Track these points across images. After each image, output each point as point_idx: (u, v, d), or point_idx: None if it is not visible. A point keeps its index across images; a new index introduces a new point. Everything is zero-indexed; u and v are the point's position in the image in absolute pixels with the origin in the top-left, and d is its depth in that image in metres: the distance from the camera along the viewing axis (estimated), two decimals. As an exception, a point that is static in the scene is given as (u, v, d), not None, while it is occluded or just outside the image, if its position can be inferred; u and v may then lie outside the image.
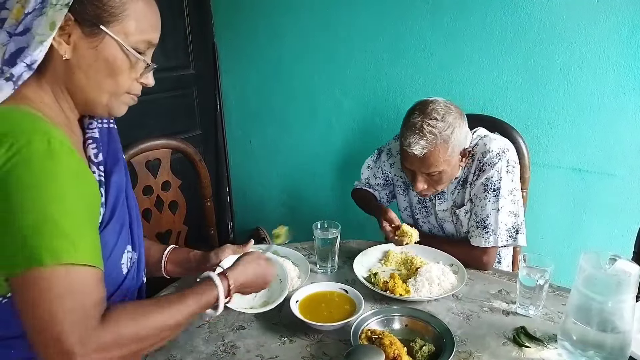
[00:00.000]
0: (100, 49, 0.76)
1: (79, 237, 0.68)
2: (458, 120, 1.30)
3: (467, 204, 1.41)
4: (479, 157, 1.37)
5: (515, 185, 1.36)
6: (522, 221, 1.37)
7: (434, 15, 1.86)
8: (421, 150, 1.25)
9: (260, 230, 2.79)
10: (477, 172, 1.37)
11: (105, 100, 0.81)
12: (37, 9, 0.70)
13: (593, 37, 1.58)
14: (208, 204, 1.65)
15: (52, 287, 0.65)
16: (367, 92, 2.15)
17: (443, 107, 1.29)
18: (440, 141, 1.25)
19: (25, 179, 0.65)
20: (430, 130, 1.25)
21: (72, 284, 0.66)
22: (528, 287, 1.12)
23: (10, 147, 0.64)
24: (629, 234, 1.43)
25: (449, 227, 1.50)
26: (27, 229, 0.64)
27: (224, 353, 1.02)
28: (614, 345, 0.92)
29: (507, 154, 1.35)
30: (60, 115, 0.80)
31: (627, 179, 1.64)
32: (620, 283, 0.89)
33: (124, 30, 0.76)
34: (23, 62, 0.70)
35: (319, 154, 2.42)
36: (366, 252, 1.41)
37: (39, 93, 0.77)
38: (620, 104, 1.59)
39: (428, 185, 1.35)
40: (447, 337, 1.02)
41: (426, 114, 1.27)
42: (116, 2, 0.74)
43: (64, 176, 0.68)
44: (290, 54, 2.33)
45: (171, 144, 1.55)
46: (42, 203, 0.65)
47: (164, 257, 1.11)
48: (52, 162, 0.67)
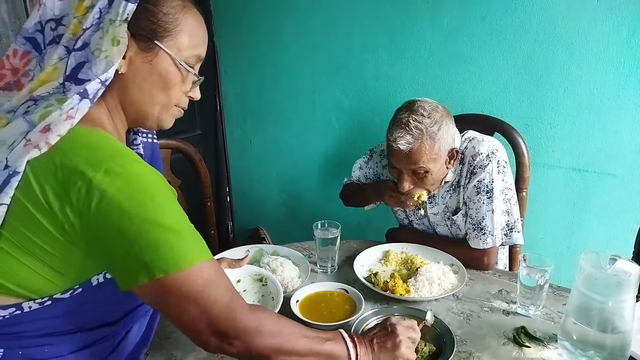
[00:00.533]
0: (154, 63, 0.78)
1: (196, 237, 0.75)
2: (445, 118, 1.30)
3: (462, 208, 1.41)
4: (469, 160, 1.37)
5: (506, 184, 1.37)
6: (517, 219, 1.37)
7: (434, 15, 1.86)
8: (407, 145, 1.26)
9: (260, 230, 2.79)
10: (468, 175, 1.37)
11: (157, 113, 0.84)
12: (94, 24, 0.72)
13: (593, 37, 1.58)
14: (208, 203, 1.65)
15: (194, 285, 0.71)
16: (367, 92, 2.15)
17: (430, 105, 1.31)
18: (426, 137, 1.26)
19: (138, 197, 0.69)
20: (416, 125, 1.26)
21: (209, 278, 0.72)
22: (528, 287, 1.12)
23: (107, 172, 0.67)
24: (629, 234, 1.43)
25: (442, 230, 1.50)
26: (154, 241, 0.69)
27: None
28: (614, 345, 0.92)
29: (496, 154, 1.35)
30: (115, 131, 0.82)
31: (627, 178, 1.64)
32: (620, 283, 0.89)
33: (177, 45, 0.79)
34: (97, 79, 0.72)
35: (319, 153, 2.42)
36: (366, 252, 1.41)
37: (100, 110, 0.79)
38: (620, 104, 1.59)
39: (414, 185, 1.34)
40: (447, 337, 1.02)
41: (413, 110, 1.29)
42: (170, 17, 0.77)
43: (162, 188, 0.73)
44: (290, 54, 2.33)
45: (171, 143, 1.55)
46: (158, 216, 0.70)
47: None
48: (148, 178, 0.71)
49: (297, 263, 1.33)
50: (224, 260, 1.15)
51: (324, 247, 1.34)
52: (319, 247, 1.35)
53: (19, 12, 1.81)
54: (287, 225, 2.69)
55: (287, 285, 1.22)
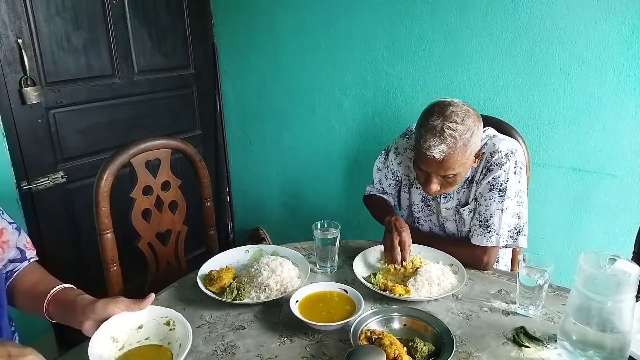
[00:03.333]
0: None
1: None
2: (477, 122, 1.28)
3: (471, 203, 1.41)
4: (487, 156, 1.37)
5: (521, 187, 1.36)
6: (525, 223, 1.37)
7: (434, 15, 1.86)
8: (441, 153, 1.23)
9: (260, 230, 2.79)
10: (484, 172, 1.37)
11: None
12: None
13: (593, 37, 1.58)
14: (208, 204, 1.65)
15: None
16: (367, 92, 2.15)
17: (462, 109, 1.27)
18: (460, 144, 1.23)
19: None
20: (450, 133, 1.22)
21: None
22: (528, 287, 1.12)
23: None
24: (629, 234, 1.43)
25: (450, 226, 1.50)
26: None
27: (223, 353, 1.02)
28: (614, 345, 0.92)
29: (515, 155, 1.35)
30: None
31: (627, 178, 1.64)
32: (619, 283, 0.89)
33: None
34: None
35: (319, 153, 2.42)
36: (366, 252, 1.41)
37: None
38: (620, 104, 1.59)
39: (441, 187, 1.33)
40: (446, 337, 1.02)
41: (446, 116, 1.24)
42: None
43: None
44: (290, 54, 2.33)
45: (171, 144, 1.55)
46: None
47: (49, 295, 0.97)
48: None
49: (296, 263, 1.33)
50: (120, 301, 0.95)
51: (323, 247, 1.34)
52: (318, 247, 1.35)
53: (19, 12, 1.81)
54: (287, 225, 2.69)
55: (287, 286, 1.22)
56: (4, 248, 0.99)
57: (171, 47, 2.41)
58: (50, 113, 1.97)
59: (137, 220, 1.49)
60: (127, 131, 2.26)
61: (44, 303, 0.97)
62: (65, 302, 0.97)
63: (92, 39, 2.06)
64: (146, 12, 2.26)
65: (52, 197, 2.02)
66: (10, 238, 1.01)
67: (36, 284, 1.02)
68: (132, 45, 2.23)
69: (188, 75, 2.54)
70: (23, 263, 1.06)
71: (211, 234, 1.69)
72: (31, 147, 1.91)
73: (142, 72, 2.30)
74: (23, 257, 1.06)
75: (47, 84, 1.94)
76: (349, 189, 2.39)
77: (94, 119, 2.13)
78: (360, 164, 2.29)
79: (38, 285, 1.02)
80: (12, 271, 1.05)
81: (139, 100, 2.31)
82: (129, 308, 0.95)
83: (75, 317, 0.94)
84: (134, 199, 1.48)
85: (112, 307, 0.93)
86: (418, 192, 1.54)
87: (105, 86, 2.16)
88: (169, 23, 2.38)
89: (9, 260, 1.02)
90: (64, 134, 2.03)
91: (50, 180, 2.00)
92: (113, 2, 2.11)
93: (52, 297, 0.98)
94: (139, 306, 0.96)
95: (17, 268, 1.05)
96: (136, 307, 0.96)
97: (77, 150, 2.10)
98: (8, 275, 1.03)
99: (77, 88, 2.05)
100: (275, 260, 1.29)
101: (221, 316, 1.14)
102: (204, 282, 1.24)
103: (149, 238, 1.53)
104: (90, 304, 0.94)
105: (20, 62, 1.83)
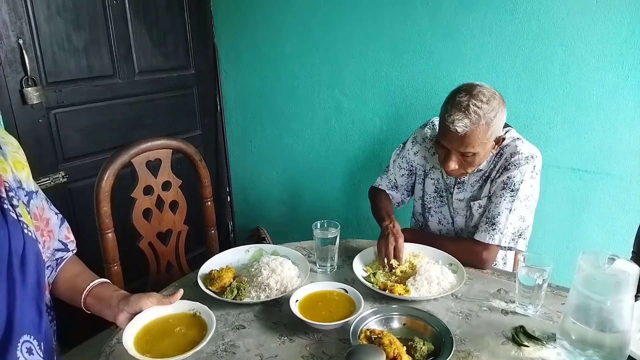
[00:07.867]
0: None
1: None
2: (502, 106, 1.32)
3: (483, 199, 1.43)
4: (507, 156, 1.38)
5: (533, 192, 1.38)
6: (528, 226, 1.39)
7: (433, 15, 1.86)
8: (464, 128, 1.27)
9: (260, 230, 2.79)
10: (500, 170, 1.39)
11: None
12: None
13: (592, 37, 1.58)
14: (208, 203, 1.65)
15: None
16: (367, 92, 2.15)
17: (489, 91, 1.31)
18: (483, 122, 1.27)
19: None
20: (475, 110, 1.27)
21: None
22: (527, 287, 1.12)
23: None
24: (628, 234, 1.43)
25: (459, 220, 1.51)
26: None
27: (224, 352, 1.02)
28: (613, 345, 0.92)
29: (534, 160, 1.37)
30: None
31: (626, 178, 1.65)
32: (619, 283, 0.89)
33: None
34: None
35: (319, 153, 2.42)
36: (366, 252, 1.42)
37: None
38: (619, 104, 1.60)
39: (459, 166, 1.36)
40: (446, 336, 1.02)
41: (473, 95, 1.29)
42: None
43: None
44: (290, 54, 2.34)
45: (172, 144, 1.56)
46: None
47: (88, 288, 1.04)
48: None
49: (296, 263, 1.33)
50: (152, 295, 1.01)
51: (323, 247, 1.34)
52: (318, 247, 1.35)
53: (20, 13, 1.81)
54: (287, 225, 2.69)
55: (287, 285, 1.23)
56: (50, 236, 1.04)
57: (172, 48, 2.42)
58: (51, 113, 1.98)
59: (137, 220, 1.50)
60: (127, 131, 2.26)
61: (82, 295, 1.04)
62: (102, 295, 1.03)
63: (93, 39, 2.07)
64: (147, 12, 2.26)
65: (53, 197, 2.00)
66: (54, 229, 1.06)
67: (76, 275, 1.07)
68: (133, 45, 2.23)
69: (188, 76, 2.54)
70: (67, 253, 1.11)
71: (211, 233, 1.70)
72: (32, 147, 1.92)
73: (143, 72, 2.30)
74: (66, 248, 1.10)
75: (48, 84, 1.95)
76: (348, 188, 2.40)
77: (94, 119, 2.14)
78: (360, 164, 2.29)
79: (78, 277, 1.07)
80: (61, 258, 1.09)
81: (139, 101, 2.32)
82: (160, 302, 1.01)
83: (111, 310, 1.00)
84: (134, 199, 1.49)
85: (145, 301, 1.00)
86: (432, 183, 1.56)
87: (106, 86, 2.16)
88: (169, 23, 2.38)
89: (55, 249, 1.07)
90: (64, 134, 2.04)
91: (51, 180, 2.01)
92: (114, 3, 2.12)
93: (90, 290, 1.04)
94: (169, 300, 1.02)
95: (63, 257, 1.10)
96: (167, 301, 1.02)
97: (78, 150, 2.11)
98: (58, 263, 1.08)
99: (78, 88, 2.05)
100: (275, 259, 1.29)
101: (221, 316, 1.14)
102: (205, 281, 1.24)
103: (150, 238, 1.53)
104: (124, 298, 1.01)
105: (21, 62, 1.83)
